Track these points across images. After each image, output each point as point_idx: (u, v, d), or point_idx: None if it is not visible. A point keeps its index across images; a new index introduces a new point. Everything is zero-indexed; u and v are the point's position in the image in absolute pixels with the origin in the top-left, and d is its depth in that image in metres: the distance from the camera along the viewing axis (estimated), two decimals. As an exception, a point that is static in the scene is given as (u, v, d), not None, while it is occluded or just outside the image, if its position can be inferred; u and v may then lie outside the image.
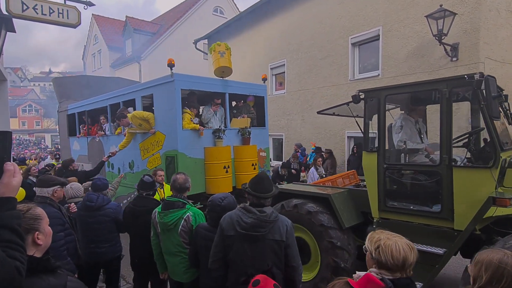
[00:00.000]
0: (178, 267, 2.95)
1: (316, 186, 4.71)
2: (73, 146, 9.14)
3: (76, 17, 6.01)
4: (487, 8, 6.74)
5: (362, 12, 8.79)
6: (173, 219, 2.87)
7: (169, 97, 5.45)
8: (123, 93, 6.73)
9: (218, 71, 6.09)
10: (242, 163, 6.09)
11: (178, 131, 5.40)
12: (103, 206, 3.52)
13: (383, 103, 3.77)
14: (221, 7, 22.17)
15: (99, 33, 24.93)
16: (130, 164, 6.61)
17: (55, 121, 39.23)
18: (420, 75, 7.58)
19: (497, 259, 1.46)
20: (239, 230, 2.27)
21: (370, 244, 1.67)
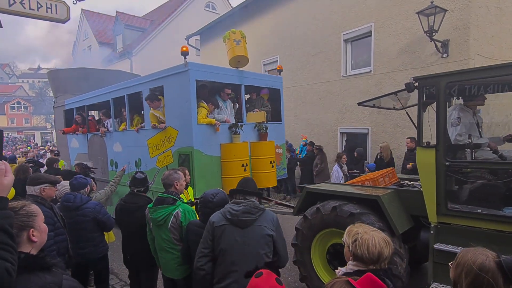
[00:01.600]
0: (170, 263, 2.97)
1: (354, 186, 4.26)
2: (71, 143, 8.64)
3: (65, 12, 5.89)
4: (477, 5, 6.81)
5: (354, 8, 8.81)
6: (162, 215, 2.88)
7: (183, 88, 4.96)
8: (128, 85, 6.21)
9: (234, 61, 5.64)
10: (259, 160, 5.63)
11: (193, 126, 4.91)
12: (80, 206, 3.44)
13: (443, 92, 3.27)
14: (213, 3, 21.99)
15: (89, 28, 24.53)
16: (137, 163, 6.15)
17: (45, 118, 38.65)
18: (412, 71, 7.64)
19: (478, 265, 1.36)
20: (230, 217, 2.38)
21: (348, 237, 1.73)
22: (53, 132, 34.90)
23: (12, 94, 50.42)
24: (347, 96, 9.11)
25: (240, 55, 5.58)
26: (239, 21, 12.29)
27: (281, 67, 6.63)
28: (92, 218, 3.47)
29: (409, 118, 4.14)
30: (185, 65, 4.89)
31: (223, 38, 5.87)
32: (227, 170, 5.29)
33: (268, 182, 5.75)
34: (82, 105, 7.84)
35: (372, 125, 8.57)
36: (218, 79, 5.38)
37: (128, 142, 6.36)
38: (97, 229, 3.55)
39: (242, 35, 5.69)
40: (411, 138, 7.15)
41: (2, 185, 1.12)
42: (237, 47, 5.57)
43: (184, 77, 4.91)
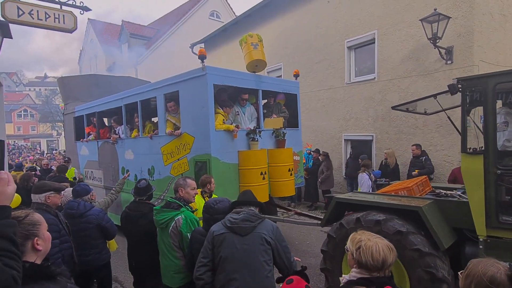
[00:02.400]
0: (167, 270, 2.96)
1: (388, 196, 3.98)
2: (80, 151, 8.49)
3: (72, 22, 6.00)
4: (480, 12, 6.82)
5: (358, 16, 8.87)
6: (164, 218, 2.90)
7: (200, 93, 4.80)
8: (142, 91, 6.05)
9: (251, 65, 5.47)
10: (277, 168, 5.39)
11: (211, 133, 4.75)
12: (84, 213, 3.46)
13: (491, 94, 3.08)
14: (218, 12, 22.26)
15: (95, 37, 24.91)
16: (150, 171, 5.94)
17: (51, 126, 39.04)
18: (416, 78, 7.64)
19: (488, 277, 1.33)
20: (230, 225, 2.40)
21: (351, 244, 1.73)
22: (59, 140, 35.23)
23: (19, 102, 51.09)
24: (351, 103, 9.10)
25: (258, 59, 5.42)
26: (243, 30, 12.40)
27: (298, 71, 6.46)
28: (96, 225, 3.48)
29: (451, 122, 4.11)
30: (202, 69, 4.73)
31: (240, 42, 5.74)
32: (246, 178, 5.08)
33: (287, 190, 5.55)
34: (93, 111, 7.72)
35: (376, 132, 8.55)
36: (235, 83, 5.22)
37: (140, 149, 6.22)
38: (100, 236, 3.56)
39: (259, 38, 5.56)
40: (416, 145, 7.12)
41: (5, 194, 1.13)
42: (255, 51, 5.43)
43: (202, 81, 4.76)
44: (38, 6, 5.68)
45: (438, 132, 7.31)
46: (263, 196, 5.10)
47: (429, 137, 7.46)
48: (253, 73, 5.55)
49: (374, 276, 1.63)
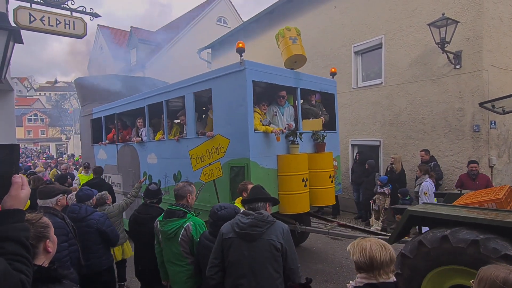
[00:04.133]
0: (179, 276, 2.95)
1: (475, 209, 3.43)
2: (98, 155, 8.10)
3: (82, 28, 6.10)
4: (489, 16, 6.76)
5: (365, 21, 8.85)
6: (172, 228, 2.88)
7: (238, 90, 4.38)
8: (167, 90, 5.60)
9: (289, 61, 5.06)
10: (318, 174, 4.91)
11: (250, 134, 4.29)
12: (85, 217, 3.48)
13: None
14: (225, 17, 22.45)
15: (104, 43, 25.29)
16: (176, 176, 5.48)
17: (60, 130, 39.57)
18: (424, 83, 7.58)
19: (501, 279, 1.36)
20: (238, 230, 2.35)
21: (350, 249, 1.74)
22: (68, 144, 35.65)
23: (30, 106, 52.00)
24: (358, 108, 9.05)
25: (297, 55, 5.01)
26: (250, 35, 12.48)
27: (335, 69, 6.07)
28: (96, 229, 3.49)
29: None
30: (241, 64, 4.33)
31: (276, 37, 5.31)
32: (286, 185, 4.62)
33: (328, 199, 5.09)
34: (112, 113, 7.32)
35: (383, 137, 8.48)
36: (275, 80, 4.79)
37: (165, 153, 5.79)
38: (100, 241, 3.55)
39: (298, 32, 5.16)
40: (425, 150, 7.04)
41: (19, 198, 1.13)
42: (294, 46, 5.03)
43: (240, 77, 4.36)
44: (49, 12, 5.79)
45: (447, 137, 7.22)
46: (304, 205, 4.69)
47: (438, 142, 7.37)
48: (291, 70, 5.15)
49: (380, 282, 1.61)
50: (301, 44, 5.13)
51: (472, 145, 6.84)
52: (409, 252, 3.25)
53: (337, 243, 6.35)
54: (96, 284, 3.57)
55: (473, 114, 6.81)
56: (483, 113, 6.69)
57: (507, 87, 7.15)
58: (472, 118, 6.83)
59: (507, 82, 7.13)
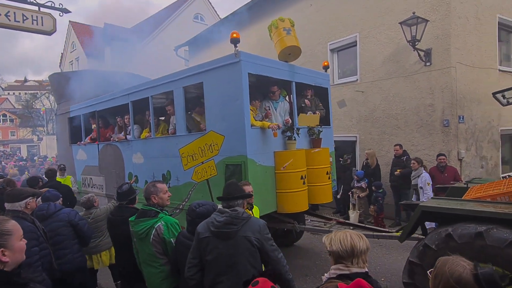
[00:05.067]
0: (154, 278, 2.90)
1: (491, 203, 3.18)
2: (76, 155, 7.70)
3: (51, 24, 5.87)
4: (456, 15, 7.06)
5: (340, 19, 9.02)
6: (143, 228, 2.82)
7: (233, 84, 4.14)
8: (154, 85, 5.31)
9: (284, 53, 4.88)
10: (315, 171, 4.75)
11: (247, 130, 4.07)
12: (55, 212, 3.41)
13: None
14: (202, 14, 22.22)
15: (77, 40, 24.42)
16: (165, 176, 5.23)
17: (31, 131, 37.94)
18: (396, 80, 7.82)
19: (455, 278, 1.30)
20: (213, 229, 2.34)
21: (326, 240, 1.79)
22: (40, 145, 34.24)
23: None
24: (335, 105, 9.22)
25: (292, 46, 4.82)
26: (228, 32, 12.42)
27: (328, 63, 5.94)
28: (67, 221, 3.42)
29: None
30: (235, 55, 4.08)
31: (269, 28, 5.11)
32: (284, 183, 4.43)
33: (325, 196, 4.94)
34: (92, 110, 6.90)
35: (360, 132, 8.69)
36: (270, 73, 4.57)
37: (152, 152, 5.50)
38: (74, 236, 3.48)
39: (291, 23, 4.96)
40: (399, 145, 7.28)
41: None
42: (288, 37, 4.83)
43: (235, 69, 4.12)
44: (15, 8, 5.53)
45: (419, 132, 7.50)
46: (303, 203, 4.53)
47: (410, 137, 7.64)
48: (286, 63, 4.96)
49: (353, 272, 1.66)
50: (295, 36, 4.94)
51: (442, 139, 7.14)
52: (416, 258, 3.08)
53: (316, 237, 6.47)
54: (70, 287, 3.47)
55: (443, 110, 7.10)
56: (452, 108, 6.99)
57: (474, 84, 7.50)
58: (442, 113, 7.12)
59: (473, 78, 7.48)
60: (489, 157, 8.02)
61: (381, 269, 5.09)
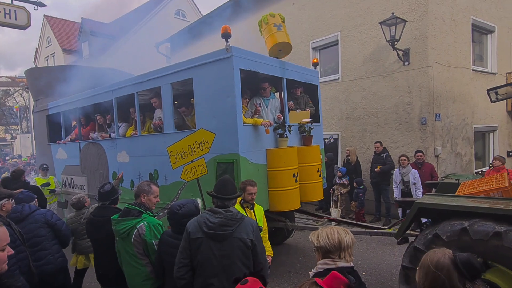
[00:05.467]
0: (135, 279, 2.86)
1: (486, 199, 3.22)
2: (56, 154, 7.44)
3: (25, 18, 5.65)
4: (433, 16, 7.29)
5: (322, 18, 9.12)
6: (125, 227, 2.77)
7: (224, 80, 4.04)
8: (140, 80, 5.11)
9: (274, 49, 4.82)
10: (306, 168, 4.71)
11: (239, 127, 3.99)
12: (30, 213, 3.31)
13: None
14: (183, 10, 21.90)
15: (52, 35, 23.54)
16: (152, 176, 5.06)
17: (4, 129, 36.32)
18: (376, 79, 8.01)
19: (434, 263, 1.37)
20: (207, 230, 2.27)
21: (312, 237, 1.85)
22: (14, 144, 32.87)
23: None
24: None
25: (282, 42, 4.79)
26: (210, 29, 12.32)
27: (317, 60, 5.93)
28: (43, 222, 3.33)
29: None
30: (227, 50, 3.98)
31: (259, 23, 5.07)
32: (276, 181, 4.38)
33: (316, 194, 4.93)
34: (73, 107, 6.63)
35: (341, 130, 8.84)
36: (261, 69, 4.48)
37: (138, 150, 5.33)
38: (52, 236, 3.39)
39: (282, 18, 4.93)
40: (379, 142, 7.46)
41: None
42: (279, 33, 4.79)
43: (226, 65, 4.01)
44: (-14, 0, 5.28)
45: (398, 129, 7.71)
46: (295, 202, 4.49)
47: (390, 134, 7.85)
48: (277, 59, 4.91)
49: (339, 267, 1.71)
50: (286, 32, 4.90)
51: (420, 136, 7.37)
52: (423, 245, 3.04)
53: (300, 234, 6.55)
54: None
55: (421, 108, 7.33)
56: (429, 107, 7.23)
57: (449, 83, 7.78)
58: (420, 111, 7.35)
59: (449, 78, 7.76)
60: (463, 154, 8.35)
61: (362, 264, 5.22)
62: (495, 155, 7.75)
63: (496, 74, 9.28)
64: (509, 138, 9.96)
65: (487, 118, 9.07)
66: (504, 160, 6.16)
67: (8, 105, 32.49)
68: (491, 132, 9.42)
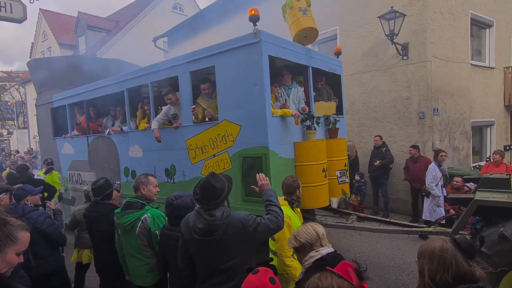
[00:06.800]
0: (139, 270, 2.89)
1: None
2: (61, 149, 7.11)
3: (21, 11, 5.58)
4: (432, 10, 7.27)
5: (321, 13, 9.04)
6: (129, 220, 2.80)
7: (252, 67, 3.72)
8: (154, 70, 4.77)
9: (299, 36, 4.52)
10: (333, 163, 4.42)
11: (268, 119, 3.68)
12: (21, 217, 3.16)
13: None
14: (180, 4, 21.73)
15: (48, 29, 23.31)
16: (169, 171, 4.76)
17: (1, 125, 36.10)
18: (375, 73, 8.00)
19: (438, 248, 1.52)
20: (195, 236, 2.22)
21: (290, 242, 2.00)
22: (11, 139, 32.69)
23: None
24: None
25: (308, 28, 4.47)
26: (208, 23, 12.24)
27: (340, 48, 5.59)
28: (33, 229, 3.23)
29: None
30: (255, 35, 3.69)
31: (283, 8, 4.79)
32: (305, 177, 4.03)
33: (340, 190, 4.65)
34: (80, 100, 6.32)
35: (340, 125, 8.84)
36: (289, 56, 4.16)
37: (153, 144, 4.98)
38: (43, 241, 3.29)
39: (308, 2, 4.59)
40: (379, 136, 7.48)
41: None
42: (304, 18, 4.48)
43: (254, 50, 3.70)
44: (-19, -7, 5.21)
45: (396, 124, 7.73)
46: (325, 198, 4.19)
47: (388, 129, 7.87)
48: (303, 46, 4.58)
49: (325, 254, 1.84)
50: (312, 16, 4.59)
51: (418, 130, 7.40)
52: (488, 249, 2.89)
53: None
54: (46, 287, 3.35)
55: (419, 102, 7.35)
56: (428, 101, 7.25)
57: (447, 77, 7.79)
58: (418, 105, 7.37)
59: (447, 72, 7.77)
60: (461, 148, 8.39)
61: (360, 257, 5.24)
62: (493, 149, 7.80)
63: (494, 69, 9.30)
64: (506, 132, 10.01)
65: (485, 113, 9.11)
66: (504, 154, 6.19)
67: (4, 100, 32.25)
68: (489, 127, 9.46)
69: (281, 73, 4.56)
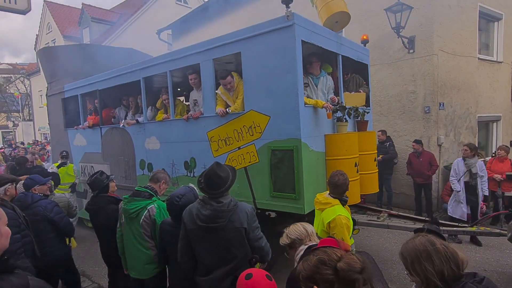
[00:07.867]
0: (137, 260, 2.89)
1: None
2: (73, 141, 6.96)
3: (26, 2, 5.54)
4: (440, 3, 7.14)
5: (326, 5, 8.95)
6: (135, 207, 2.82)
7: (283, 52, 3.47)
8: (174, 57, 4.51)
9: (330, 21, 4.26)
10: (364, 157, 4.16)
11: (300, 109, 3.44)
12: (31, 204, 3.29)
13: None
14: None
15: (53, 21, 23.30)
16: (189, 164, 4.53)
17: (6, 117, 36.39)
18: (380, 67, 7.91)
19: (427, 243, 1.46)
20: (199, 223, 2.25)
21: (282, 240, 2.13)
22: (16, 131, 32.98)
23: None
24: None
25: (340, 12, 4.22)
26: (213, 16, 12.14)
27: (367, 36, 5.27)
28: (42, 216, 3.30)
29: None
30: (287, 18, 3.41)
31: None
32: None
33: (372, 186, 4.43)
34: (93, 89, 6.10)
35: (344, 119, 8.79)
36: (321, 43, 3.88)
37: (171, 135, 4.78)
38: (51, 229, 3.37)
39: None
40: (382, 131, 7.43)
41: None
42: (335, 2, 4.25)
43: (287, 35, 3.43)
44: (-15, -16, 5.19)
45: (401, 118, 7.66)
46: (356, 194, 3.92)
47: (393, 123, 7.80)
48: (334, 32, 4.31)
49: (310, 245, 1.98)
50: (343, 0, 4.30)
51: (423, 125, 7.33)
52: None
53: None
54: (53, 278, 3.40)
55: (425, 96, 7.27)
56: (433, 95, 7.16)
57: (454, 71, 7.69)
58: (424, 100, 7.29)
59: (454, 66, 7.66)
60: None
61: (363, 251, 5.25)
62: (499, 144, 7.71)
63: (502, 63, 9.15)
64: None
65: (491, 108, 9.00)
66: (509, 149, 6.10)
67: (10, 92, 32.44)
68: (495, 122, 9.35)
69: (308, 60, 4.20)
